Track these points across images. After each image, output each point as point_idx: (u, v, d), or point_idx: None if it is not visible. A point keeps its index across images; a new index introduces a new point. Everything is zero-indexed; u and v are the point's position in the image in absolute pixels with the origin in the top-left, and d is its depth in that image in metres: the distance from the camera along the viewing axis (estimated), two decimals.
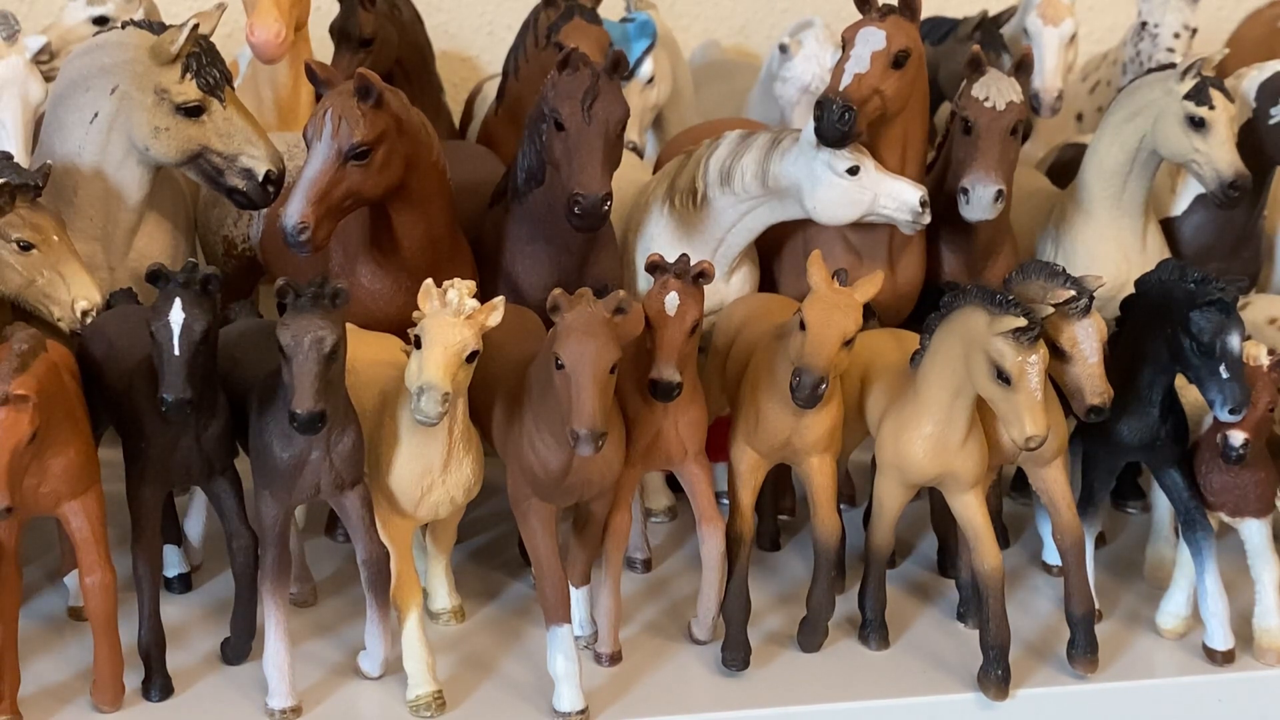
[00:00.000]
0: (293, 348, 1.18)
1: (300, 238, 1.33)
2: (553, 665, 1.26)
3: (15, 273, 1.37)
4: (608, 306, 0.77)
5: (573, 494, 1.07)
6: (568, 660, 1.26)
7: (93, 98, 1.47)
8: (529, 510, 1.24)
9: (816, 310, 1.29)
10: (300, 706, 1.30)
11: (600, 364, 0.75)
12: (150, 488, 1.30)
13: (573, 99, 1.43)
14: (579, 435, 0.67)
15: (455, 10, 2.52)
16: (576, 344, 0.75)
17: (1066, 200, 1.78)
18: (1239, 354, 1.42)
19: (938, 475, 1.38)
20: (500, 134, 1.94)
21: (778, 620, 1.49)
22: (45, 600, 1.48)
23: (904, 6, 1.57)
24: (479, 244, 1.59)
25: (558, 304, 0.69)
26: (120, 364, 1.34)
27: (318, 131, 1.35)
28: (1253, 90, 1.76)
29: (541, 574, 1.26)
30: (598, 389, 0.74)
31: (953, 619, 1.52)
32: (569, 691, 1.26)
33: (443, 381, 1.16)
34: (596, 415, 0.71)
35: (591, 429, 0.68)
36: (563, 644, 1.26)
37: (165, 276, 1.24)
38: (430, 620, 1.45)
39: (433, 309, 1.19)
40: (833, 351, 1.29)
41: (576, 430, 0.67)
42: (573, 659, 1.26)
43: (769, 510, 1.66)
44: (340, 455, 1.26)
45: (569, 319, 0.76)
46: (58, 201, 1.47)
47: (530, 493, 1.21)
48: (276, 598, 1.30)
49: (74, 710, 1.30)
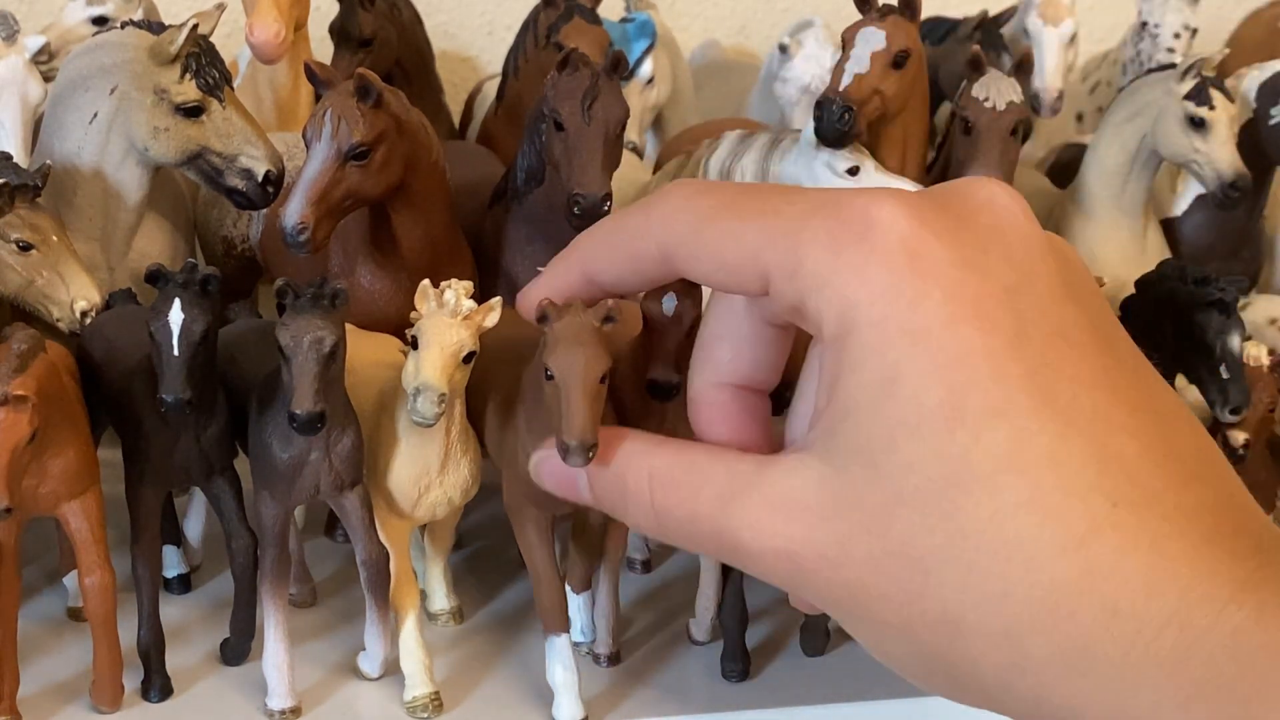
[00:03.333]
0: (292, 348, 1.18)
1: (299, 238, 1.33)
2: (552, 675, 1.25)
3: (14, 273, 1.37)
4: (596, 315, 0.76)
5: (562, 504, 1.06)
6: (566, 670, 1.25)
7: (92, 98, 1.47)
8: (525, 519, 1.23)
9: None
10: (300, 707, 1.30)
11: (590, 374, 0.74)
12: (149, 488, 1.30)
13: (572, 99, 1.42)
14: (569, 447, 0.66)
15: (455, 10, 2.52)
16: (565, 354, 0.74)
17: (1066, 200, 1.78)
18: (1239, 354, 1.41)
19: None
20: (500, 134, 1.93)
21: (777, 621, 1.49)
22: (44, 600, 1.47)
23: (904, 6, 1.56)
24: (478, 244, 1.59)
25: (546, 314, 0.68)
26: (120, 364, 1.34)
27: (317, 131, 1.35)
28: (1253, 90, 1.76)
29: (539, 582, 1.24)
30: (588, 400, 0.73)
31: None
32: (568, 702, 1.25)
33: (439, 382, 1.16)
34: (587, 427, 0.70)
35: (582, 440, 0.66)
36: (561, 653, 1.25)
37: (165, 277, 1.23)
38: (428, 621, 1.44)
39: (430, 309, 1.19)
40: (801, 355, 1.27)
41: (567, 442, 0.66)
42: (571, 668, 1.25)
43: None
44: (340, 456, 1.26)
45: (558, 329, 0.75)
46: (57, 202, 1.47)
47: (526, 501, 1.20)
48: (276, 598, 1.29)
49: (73, 710, 1.30)
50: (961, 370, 0.47)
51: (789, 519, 0.51)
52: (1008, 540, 0.46)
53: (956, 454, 0.47)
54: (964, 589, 0.47)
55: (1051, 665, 0.46)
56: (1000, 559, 0.46)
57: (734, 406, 0.60)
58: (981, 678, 0.49)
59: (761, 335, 0.60)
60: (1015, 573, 0.46)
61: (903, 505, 0.48)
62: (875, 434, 0.49)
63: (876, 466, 0.48)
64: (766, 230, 0.52)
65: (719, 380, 0.60)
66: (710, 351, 0.60)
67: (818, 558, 0.50)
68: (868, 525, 0.49)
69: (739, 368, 0.60)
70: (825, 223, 0.50)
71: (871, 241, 0.49)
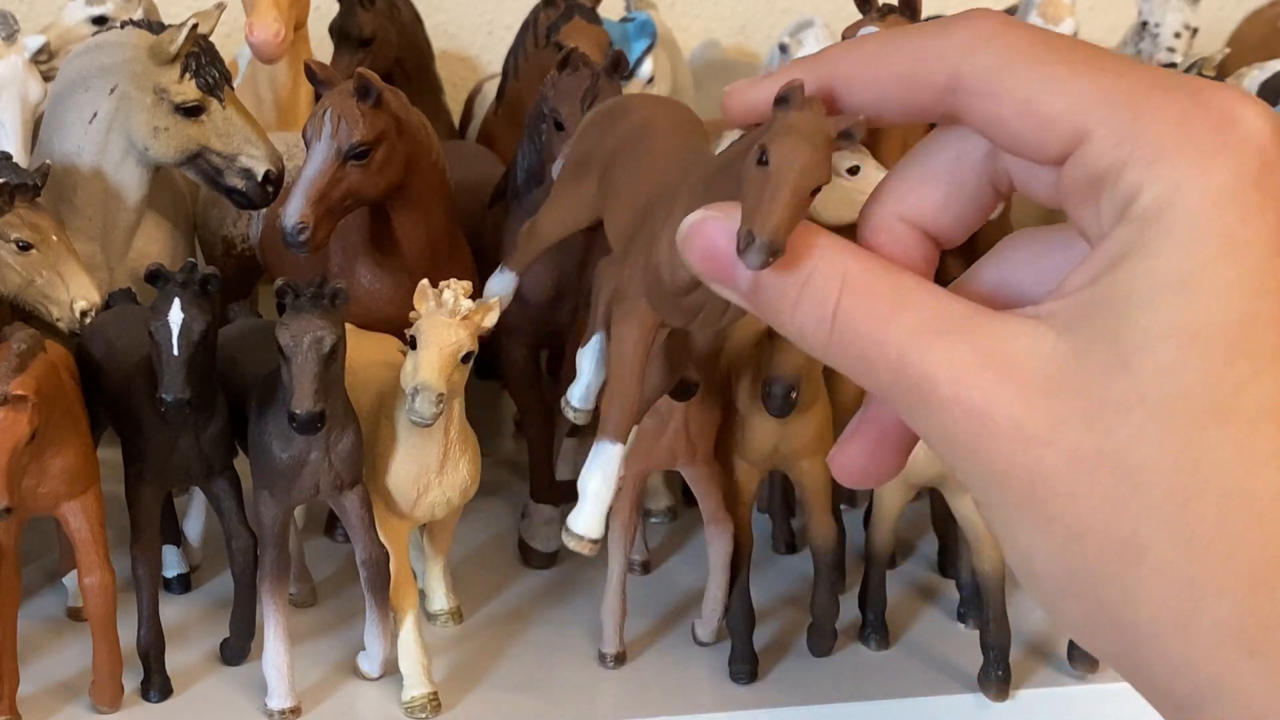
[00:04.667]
0: (292, 348, 1.18)
1: (299, 238, 1.32)
2: (586, 481, 1.03)
3: (14, 273, 1.37)
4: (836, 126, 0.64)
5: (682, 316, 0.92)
6: (604, 481, 1.03)
7: (91, 97, 1.47)
8: (632, 311, 0.99)
9: None
10: (300, 707, 1.30)
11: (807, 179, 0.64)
12: (149, 488, 1.30)
13: (572, 99, 1.42)
14: (754, 242, 0.56)
15: (455, 10, 2.52)
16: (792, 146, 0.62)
17: None
18: None
19: (938, 476, 1.38)
20: (500, 134, 1.93)
21: (778, 622, 1.49)
22: (44, 600, 1.47)
23: (904, 6, 1.56)
24: (478, 244, 1.59)
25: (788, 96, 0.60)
26: (119, 364, 1.33)
27: (317, 131, 1.35)
28: (1254, 89, 1.75)
29: (616, 384, 1.02)
30: (795, 202, 0.63)
31: (953, 619, 1.51)
32: (591, 513, 1.03)
33: (437, 382, 1.16)
34: (782, 227, 0.60)
35: (773, 239, 0.57)
36: (605, 463, 1.03)
37: (164, 276, 1.23)
38: (428, 621, 1.44)
39: (428, 309, 1.19)
40: (801, 358, 1.26)
41: (755, 235, 0.57)
42: (610, 482, 1.03)
43: (782, 514, 1.65)
44: (339, 455, 1.26)
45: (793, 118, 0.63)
46: (57, 201, 1.47)
47: (642, 293, 0.97)
48: (276, 598, 1.29)
49: (73, 710, 1.29)
50: (1268, 302, 0.44)
51: (1000, 377, 0.46)
52: (1243, 489, 0.43)
53: (1226, 384, 0.43)
54: (1168, 519, 0.43)
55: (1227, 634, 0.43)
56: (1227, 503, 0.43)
57: (915, 251, 0.56)
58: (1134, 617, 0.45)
59: (978, 192, 0.55)
60: (1237, 523, 0.43)
61: (1142, 411, 0.44)
62: (1143, 329, 0.44)
63: (1128, 362, 0.44)
64: (1103, 88, 0.47)
65: (913, 217, 0.56)
66: (915, 185, 0.56)
67: (1015, 429, 0.46)
68: (1092, 417, 0.45)
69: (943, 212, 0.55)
70: (1180, 100, 0.46)
71: (1227, 136, 0.45)
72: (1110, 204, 0.47)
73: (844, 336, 0.50)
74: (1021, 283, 0.54)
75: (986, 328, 0.48)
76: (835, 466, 0.60)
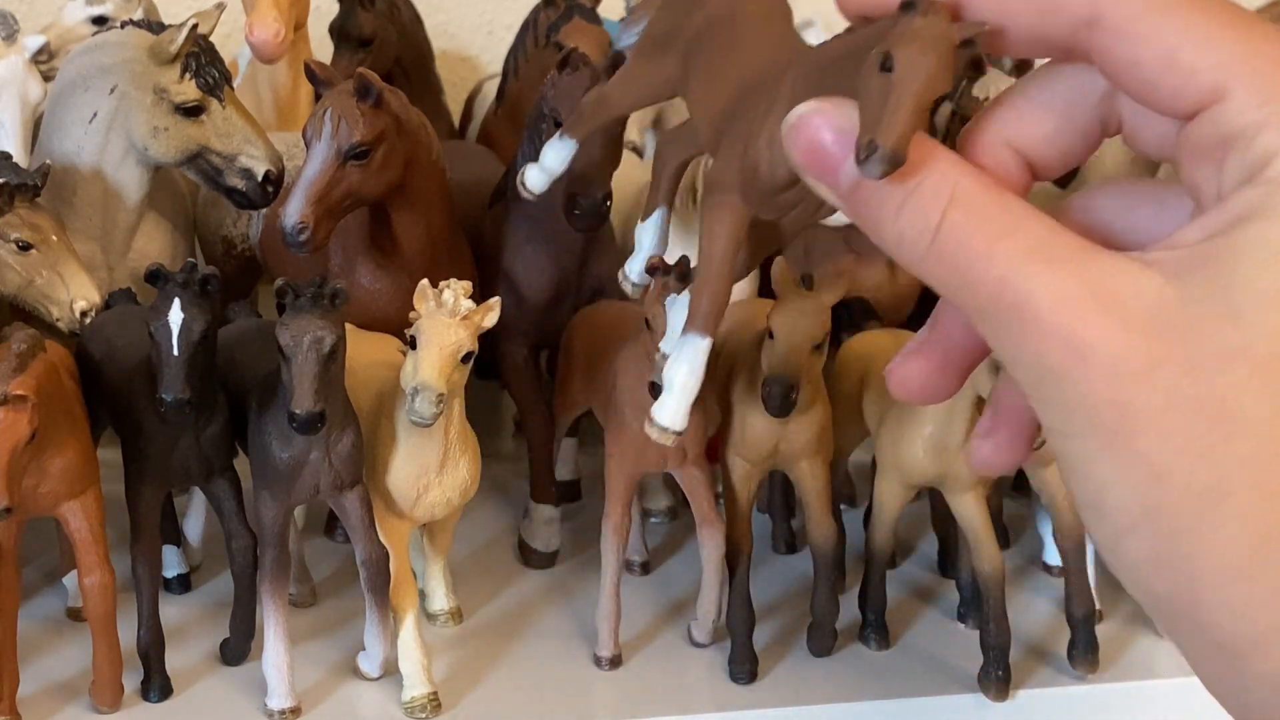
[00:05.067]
0: (292, 348, 1.18)
1: (299, 238, 1.32)
2: (673, 372, 0.98)
3: (14, 273, 1.37)
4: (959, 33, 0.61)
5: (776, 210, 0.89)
6: (691, 373, 0.98)
7: (91, 97, 1.47)
8: (724, 203, 0.94)
9: (782, 318, 1.26)
10: (300, 707, 1.30)
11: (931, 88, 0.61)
12: (149, 488, 1.30)
13: (572, 99, 1.42)
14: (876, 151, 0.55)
15: (455, 10, 2.52)
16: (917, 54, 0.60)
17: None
18: None
19: (938, 476, 1.38)
20: (500, 134, 1.93)
21: (777, 622, 1.49)
22: (44, 601, 1.47)
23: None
24: (478, 244, 1.59)
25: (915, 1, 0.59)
26: (119, 364, 1.33)
27: (317, 131, 1.35)
28: None
29: (707, 277, 0.97)
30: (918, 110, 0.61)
31: (953, 619, 1.51)
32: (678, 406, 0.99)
33: (437, 382, 1.16)
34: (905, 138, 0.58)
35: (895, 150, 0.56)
36: (694, 354, 0.98)
37: (164, 276, 1.23)
38: (428, 621, 1.44)
39: (428, 309, 1.19)
40: (801, 358, 1.26)
41: (878, 143, 0.55)
42: (697, 375, 0.98)
43: (782, 514, 1.65)
44: (340, 456, 1.26)
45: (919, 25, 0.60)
46: (56, 201, 1.47)
47: (736, 186, 0.92)
48: (276, 598, 1.29)
49: (73, 710, 1.29)
50: None
51: (1105, 310, 0.46)
52: None
53: None
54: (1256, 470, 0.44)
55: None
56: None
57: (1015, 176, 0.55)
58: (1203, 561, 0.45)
59: (1088, 129, 0.55)
60: None
61: (1246, 364, 0.44)
62: (1260, 289, 0.45)
63: (1238, 313, 0.45)
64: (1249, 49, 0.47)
65: (1020, 144, 0.55)
66: (1026, 113, 0.55)
67: (1114, 364, 0.46)
68: (1194, 362, 0.45)
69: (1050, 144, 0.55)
70: None
71: None
72: (1238, 164, 0.47)
73: (945, 248, 0.50)
74: (1110, 229, 0.54)
75: (1098, 261, 0.48)
76: (893, 380, 0.60)
